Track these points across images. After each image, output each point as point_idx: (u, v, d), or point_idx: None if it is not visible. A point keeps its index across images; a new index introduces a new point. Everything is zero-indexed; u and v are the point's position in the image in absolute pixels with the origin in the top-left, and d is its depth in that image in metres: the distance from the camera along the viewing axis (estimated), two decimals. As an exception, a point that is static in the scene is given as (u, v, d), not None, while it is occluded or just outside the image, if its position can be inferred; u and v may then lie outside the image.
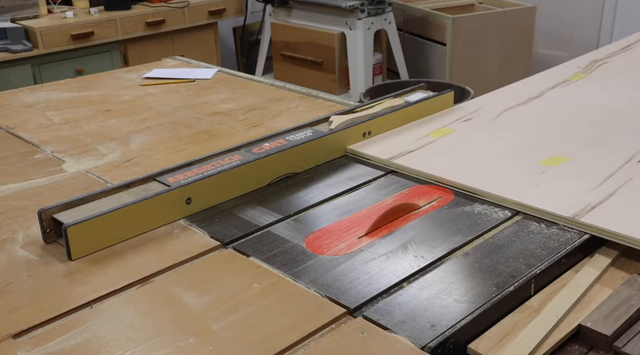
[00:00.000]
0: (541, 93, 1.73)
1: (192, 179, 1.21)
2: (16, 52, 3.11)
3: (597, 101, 1.65)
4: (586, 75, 1.85)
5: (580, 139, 1.42)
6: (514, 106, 1.64)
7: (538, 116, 1.58)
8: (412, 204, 1.18)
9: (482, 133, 1.48)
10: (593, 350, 0.88)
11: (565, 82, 1.81)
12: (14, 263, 1.06)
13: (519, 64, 3.86)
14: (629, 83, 1.78)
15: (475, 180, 1.24)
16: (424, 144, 1.43)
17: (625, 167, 1.26)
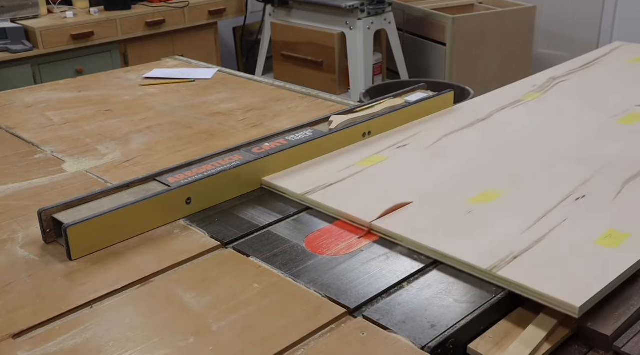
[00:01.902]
0: (489, 115, 1.58)
1: (192, 179, 1.21)
2: (16, 52, 3.11)
3: (547, 125, 1.51)
4: (541, 94, 1.70)
5: (519, 170, 1.29)
6: (457, 130, 1.50)
7: (480, 142, 1.44)
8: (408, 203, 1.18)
9: (414, 163, 1.35)
10: (593, 350, 0.88)
11: (517, 102, 1.66)
12: (14, 263, 1.06)
13: (519, 64, 3.86)
14: (584, 105, 1.63)
15: (394, 221, 1.10)
16: (349, 174, 1.29)
17: (561, 205, 1.13)
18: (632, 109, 1.56)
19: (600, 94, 1.69)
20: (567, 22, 4.41)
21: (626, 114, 1.53)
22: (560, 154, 1.36)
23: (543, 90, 1.73)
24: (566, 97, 1.68)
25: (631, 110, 1.55)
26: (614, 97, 1.64)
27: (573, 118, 1.54)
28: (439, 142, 1.44)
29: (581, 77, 1.84)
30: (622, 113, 1.53)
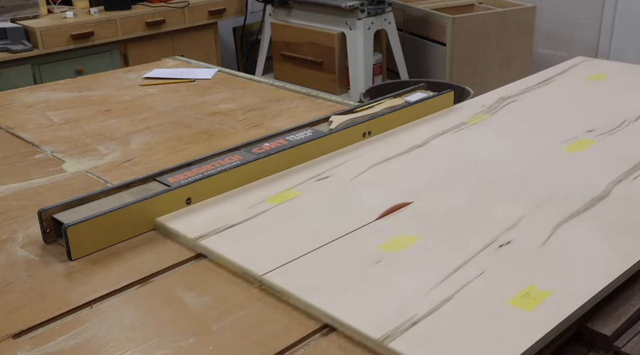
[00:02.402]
0: (426, 141, 1.44)
1: (192, 179, 1.21)
2: (16, 52, 3.11)
3: (486, 153, 1.37)
4: (488, 116, 1.57)
5: (444, 208, 1.15)
6: (388, 158, 1.36)
7: (407, 174, 1.30)
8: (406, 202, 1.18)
9: (330, 199, 1.21)
10: (593, 350, 0.88)
11: (461, 125, 1.52)
12: (14, 263, 1.06)
13: (519, 64, 3.86)
14: (532, 129, 1.49)
15: (288, 275, 0.95)
16: (254, 214, 1.15)
17: (482, 254, 0.99)
18: (582, 136, 1.43)
19: (551, 116, 1.56)
20: (567, 22, 4.41)
21: (575, 140, 1.40)
22: (494, 188, 1.22)
23: (491, 111, 1.59)
24: (514, 120, 1.55)
25: (580, 137, 1.42)
26: (566, 121, 1.52)
27: (516, 145, 1.41)
28: (364, 174, 1.30)
29: (534, 97, 1.70)
30: (571, 139, 1.41)
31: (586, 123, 1.49)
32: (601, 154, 1.34)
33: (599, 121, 1.50)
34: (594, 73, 1.87)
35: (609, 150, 1.35)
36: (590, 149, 1.36)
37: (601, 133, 1.44)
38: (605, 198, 1.15)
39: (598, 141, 1.39)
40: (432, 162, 1.36)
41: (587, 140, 1.40)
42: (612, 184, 1.20)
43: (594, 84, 1.79)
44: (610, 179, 1.22)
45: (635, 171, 1.25)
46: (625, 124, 1.48)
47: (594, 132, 1.44)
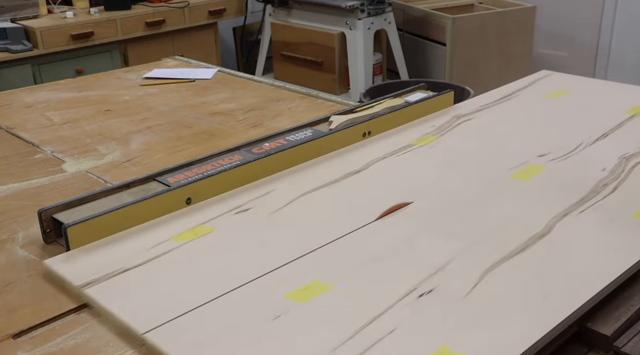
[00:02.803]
0: (366, 165, 1.33)
1: (192, 179, 1.21)
2: (16, 52, 3.11)
3: (425, 183, 1.25)
4: (436, 138, 1.45)
5: (369, 248, 1.03)
6: (318, 187, 1.24)
7: (337, 206, 1.18)
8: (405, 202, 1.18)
9: (246, 236, 1.09)
10: (593, 350, 0.88)
11: (406, 148, 1.41)
12: (14, 263, 1.06)
13: (519, 64, 3.86)
14: (480, 153, 1.37)
15: (175, 333, 0.85)
16: (157, 254, 1.03)
17: (398, 305, 0.88)
18: (532, 161, 1.32)
19: (503, 137, 1.45)
20: (567, 22, 4.41)
21: (524, 166, 1.30)
22: (428, 223, 1.10)
23: (441, 132, 1.48)
24: (463, 142, 1.43)
25: (530, 162, 1.31)
26: (517, 143, 1.41)
27: (460, 172, 1.29)
28: (289, 206, 1.17)
29: (489, 115, 1.58)
30: (520, 165, 1.30)
31: (539, 146, 1.39)
32: (549, 183, 1.23)
33: (553, 144, 1.39)
34: (557, 88, 1.74)
35: (558, 179, 1.24)
36: (539, 177, 1.25)
37: (553, 158, 1.33)
38: (546, 236, 1.03)
39: (548, 167, 1.29)
40: (364, 192, 1.23)
41: (536, 167, 1.29)
42: (555, 219, 1.08)
43: (555, 102, 1.66)
44: (554, 213, 1.10)
45: (581, 204, 1.13)
46: (581, 147, 1.37)
47: (546, 156, 1.34)
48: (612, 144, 1.38)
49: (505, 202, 1.17)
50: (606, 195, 1.16)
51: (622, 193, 1.17)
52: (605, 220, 1.08)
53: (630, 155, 1.32)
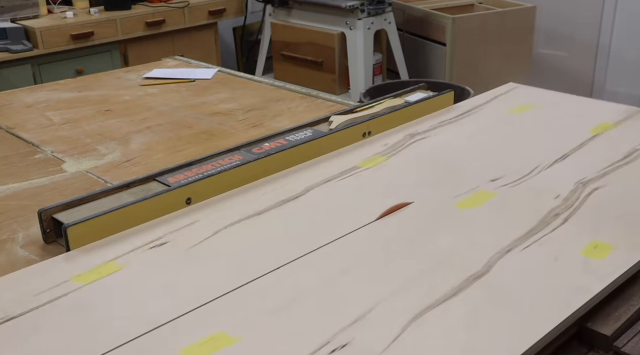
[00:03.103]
0: (305, 190, 1.22)
1: (192, 179, 1.21)
2: (16, 52, 3.11)
3: (365, 211, 1.13)
4: (385, 159, 1.34)
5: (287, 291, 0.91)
6: (247, 217, 1.12)
7: (267, 238, 1.06)
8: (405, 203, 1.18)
9: (154, 274, 0.98)
10: (593, 350, 0.88)
11: (351, 170, 1.30)
12: (14, 263, 1.06)
13: (519, 64, 3.86)
14: (428, 177, 1.26)
15: None
16: (50, 298, 0.92)
17: None
18: (483, 186, 1.22)
19: (455, 159, 1.35)
20: (567, 22, 4.41)
21: (473, 192, 1.20)
22: (354, 261, 0.98)
23: (392, 152, 1.37)
24: (413, 165, 1.33)
25: (480, 187, 1.21)
26: (470, 166, 1.31)
27: (401, 200, 1.17)
28: (209, 240, 1.06)
29: (446, 133, 1.48)
30: (469, 191, 1.20)
31: (493, 168, 1.29)
32: (497, 212, 1.13)
33: (508, 166, 1.30)
34: (522, 103, 1.64)
35: (507, 207, 1.14)
36: (488, 204, 1.15)
37: (506, 183, 1.23)
38: (483, 276, 0.93)
39: (499, 194, 1.19)
40: (293, 223, 1.11)
41: (486, 193, 1.19)
42: (497, 255, 0.98)
43: (517, 118, 1.56)
44: (497, 249, 1.00)
45: (528, 238, 1.03)
46: (537, 171, 1.27)
47: (499, 180, 1.24)
48: (571, 166, 1.29)
49: (446, 235, 1.05)
50: (555, 228, 1.06)
51: (572, 225, 1.06)
52: (549, 257, 0.98)
53: (587, 180, 1.22)
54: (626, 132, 1.45)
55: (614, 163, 1.29)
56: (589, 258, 0.98)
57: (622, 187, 1.20)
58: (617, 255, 0.98)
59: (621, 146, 1.37)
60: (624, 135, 1.43)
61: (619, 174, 1.25)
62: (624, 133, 1.44)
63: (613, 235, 1.03)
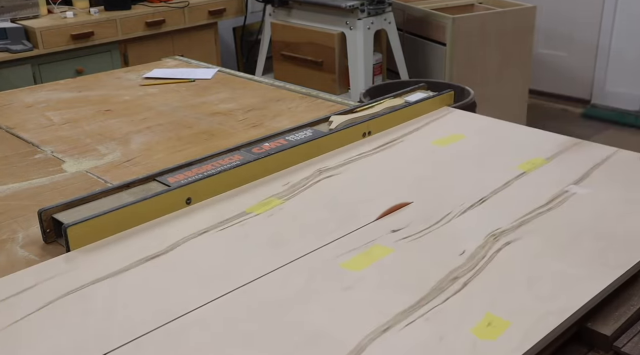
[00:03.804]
0: (175, 244, 1.06)
1: (192, 179, 1.21)
2: (16, 52, 3.11)
3: (237, 274, 0.97)
4: (280, 202, 1.19)
5: None
6: (118, 272, 0.99)
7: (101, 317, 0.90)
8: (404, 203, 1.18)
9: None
10: (593, 350, 0.88)
11: (238, 217, 1.14)
12: (14, 263, 1.06)
13: (519, 64, 3.86)
14: (323, 228, 1.10)
15: None
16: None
17: None
18: (381, 238, 1.06)
19: (358, 203, 1.18)
20: (567, 22, 4.41)
21: (367, 247, 1.03)
22: (220, 337, 0.84)
23: (292, 193, 1.22)
24: (308, 210, 1.16)
25: (377, 241, 1.05)
26: (373, 212, 1.14)
27: (283, 257, 1.01)
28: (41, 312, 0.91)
29: (356, 171, 1.32)
30: (362, 246, 1.04)
31: (399, 215, 1.13)
32: (388, 274, 0.96)
33: (416, 212, 1.14)
34: (450, 132, 1.48)
35: (401, 268, 0.98)
36: (378, 264, 0.99)
37: (409, 234, 1.07)
38: None
39: (396, 249, 1.02)
40: (141, 292, 0.95)
41: (380, 249, 1.03)
42: (372, 334, 0.83)
43: (440, 152, 1.39)
44: (375, 325, 0.84)
45: (416, 309, 0.88)
46: (448, 218, 1.12)
47: (402, 231, 1.08)
48: (487, 213, 1.13)
49: (322, 304, 0.90)
50: (450, 296, 0.90)
51: (470, 292, 0.91)
52: (433, 337, 0.82)
53: (501, 231, 1.06)
54: (557, 170, 1.29)
55: (535, 209, 1.13)
56: (480, 338, 0.82)
57: (535, 242, 1.03)
58: (511, 336, 0.82)
59: (548, 188, 1.21)
60: (554, 174, 1.26)
61: (538, 223, 1.09)
62: (554, 170, 1.28)
63: (512, 308, 0.87)
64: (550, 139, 1.45)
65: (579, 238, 1.04)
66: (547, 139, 1.44)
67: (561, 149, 1.38)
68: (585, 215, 1.11)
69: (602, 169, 1.28)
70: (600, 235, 1.05)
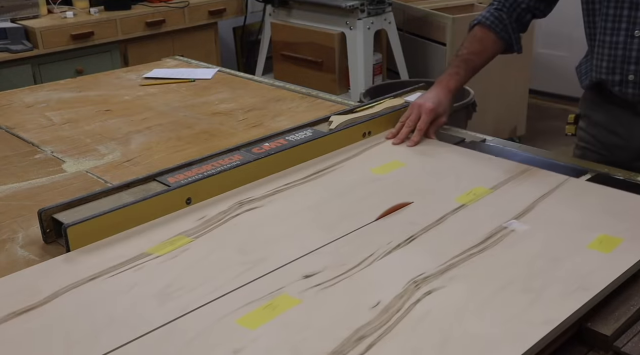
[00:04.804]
0: (54, 294, 0.94)
1: (192, 179, 1.21)
2: (16, 52, 3.11)
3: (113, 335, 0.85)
4: (188, 241, 1.06)
5: None
6: None
7: None
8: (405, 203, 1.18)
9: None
10: (593, 350, 0.88)
11: (137, 259, 1.02)
12: (14, 263, 1.06)
13: (519, 64, 3.85)
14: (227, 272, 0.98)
15: None
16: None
17: None
18: (289, 286, 0.94)
19: (277, 243, 1.06)
20: (567, 22, 4.41)
21: (271, 298, 0.91)
22: None
23: (204, 230, 1.10)
24: (216, 251, 1.04)
25: (284, 290, 0.93)
26: (287, 254, 1.01)
27: (172, 311, 0.89)
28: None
29: (282, 203, 1.19)
30: (266, 295, 0.92)
31: (316, 257, 1.01)
32: (284, 335, 0.84)
33: (336, 254, 1.01)
34: (394, 158, 1.36)
35: (300, 327, 0.86)
36: (278, 320, 0.87)
37: (321, 281, 0.95)
38: None
39: (303, 300, 0.90)
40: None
41: (286, 300, 0.90)
42: None
43: (377, 181, 1.26)
44: None
45: None
46: (369, 260, 0.99)
47: (315, 277, 0.95)
48: (412, 255, 1.01)
49: None
50: None
51: None
52: None
53: (424, 278, 0.94)
54: (500, 201, 1.17)
55: (466, 250, 1.01)
56: None
57: (459, 293, 0.91)
58: None
59: (485, 223, 1.09)
60: (495, 206, 1.15)
61: (467, 267, 0.97)
62: (496, 202, 1.17)
63: None
64: (499, 165, 1.32)
65: (507, 288, 0.91)
66: (495, 166, 1.32)
67: (508, 177, 1.26)
68: (520, 258, 0.99)
69: (549, 200, 1.16)
70: (529, 286, 0.92)
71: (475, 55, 1.53)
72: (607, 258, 0.98)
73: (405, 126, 1.44)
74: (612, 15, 1.33)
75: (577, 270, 0.95)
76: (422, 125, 1.43)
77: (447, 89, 1.50)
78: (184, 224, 1.13)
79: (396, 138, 1.44)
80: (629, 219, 1.09)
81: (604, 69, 1.38)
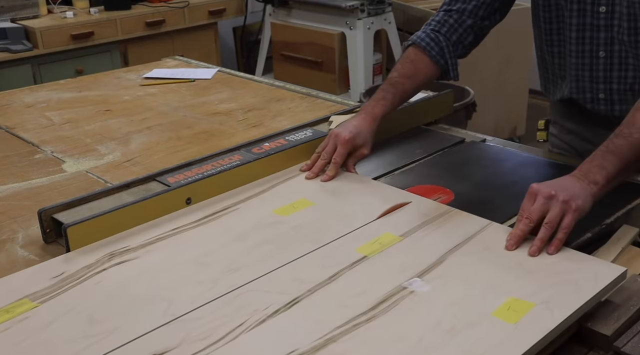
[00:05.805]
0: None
1: (192, 179, 1.21)
2: (16, 52, 3.11)
3: None
4: (35, 305, 0.91)
5: None
6: None
7: None
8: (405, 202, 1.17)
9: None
10: (593, 350, 0.88)
11: None
12: (14, 263, 1.06)
13: (519, 64, 3.86)
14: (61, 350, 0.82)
15: None
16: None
17: None
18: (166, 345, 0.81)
19: (139, 307, 0.90)
20: (567, 22, 4.41)
21: None
22: None
23: (56, 291, 0.94)
24: (63, 318, 0.88)
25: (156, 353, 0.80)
26: (147, 325, 0.86)
27: None
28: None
29: (161, 253, 1.03)
30: None
31: (177, 327, 0.86)
32: None
33: (201, 324, 0.86)
34: (301, 196, 1.20)
35: None
36: None
37: (210, 343, 0.82)
38: None
39: None
40: None
41: None
42: None
43: (276, 225, 1.10)
44: None
45: None
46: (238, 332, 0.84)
47: (175, 351, 0.81)
48: (288, 325, 0.85)
49: None
50: None
51: None
52: None
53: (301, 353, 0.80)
54: (406, 253, 1.01)
55: (352, 319, 0.85)
56: None
57: None
58: None
59: (383, 282, 0.93)
60: (399, 259, 0.99)
61: (346, 343, 0.81)
62: (402, 254, 1.01)
63: None
64: (418, 207, 1.14)
65: None
66: (413, 208, 1.14)
67: (423, 221, 1.09)
68: (410, 330, 0.83)
69: (462, 251, 1.00)
70: None
71: (406, 78, 1.36)
72: (512, 330, 0.82)
73: (321, 158, 1.28)
74: (575, 37, 1.30)
75: (473, 346, 0.80)
76: (338, 159, 1.26)
77: (372, 117, 1.31)
78: (36, 283, 0.95)
79: (310, 172, 1.27)
80: (547, 275, 0.93)
81: (574, 89, 1.35)
